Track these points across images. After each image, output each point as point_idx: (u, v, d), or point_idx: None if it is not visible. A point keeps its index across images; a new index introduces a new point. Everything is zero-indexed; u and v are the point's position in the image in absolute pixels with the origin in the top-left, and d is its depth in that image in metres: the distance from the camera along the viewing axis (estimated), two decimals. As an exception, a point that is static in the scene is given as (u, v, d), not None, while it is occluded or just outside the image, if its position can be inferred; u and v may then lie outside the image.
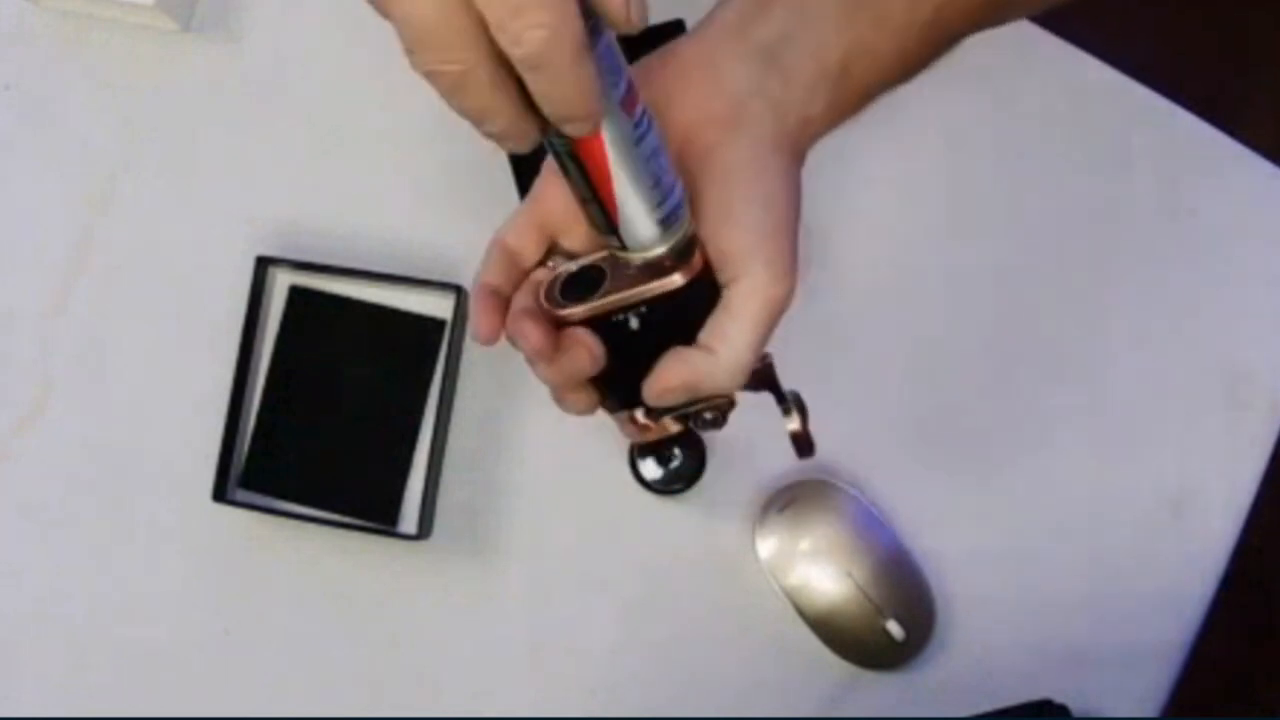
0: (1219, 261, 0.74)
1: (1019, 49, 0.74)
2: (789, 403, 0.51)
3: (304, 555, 0.72)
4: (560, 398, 0.49)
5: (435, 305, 0.73)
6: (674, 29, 0.73)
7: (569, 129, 0.37)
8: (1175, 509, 0.72)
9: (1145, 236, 0.75)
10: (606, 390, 0.49)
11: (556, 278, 0.47)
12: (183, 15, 0.75)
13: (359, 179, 0.75)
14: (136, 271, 0.75)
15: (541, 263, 0.49)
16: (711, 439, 0.71)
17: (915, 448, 0.73)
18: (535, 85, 0.35)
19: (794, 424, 0.51)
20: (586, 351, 0.46)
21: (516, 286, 0.48)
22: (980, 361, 0.74)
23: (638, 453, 0.71)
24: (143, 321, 0.74)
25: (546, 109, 0.36)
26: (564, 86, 0.35)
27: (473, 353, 0.73)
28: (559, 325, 0.46)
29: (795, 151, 0.46)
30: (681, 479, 0.70)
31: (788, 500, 0.70)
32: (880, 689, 0.71)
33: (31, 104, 0.76)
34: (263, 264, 0.73)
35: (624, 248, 0.44)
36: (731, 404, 0.50)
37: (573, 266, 0.47)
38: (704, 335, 0.46)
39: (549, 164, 0.47)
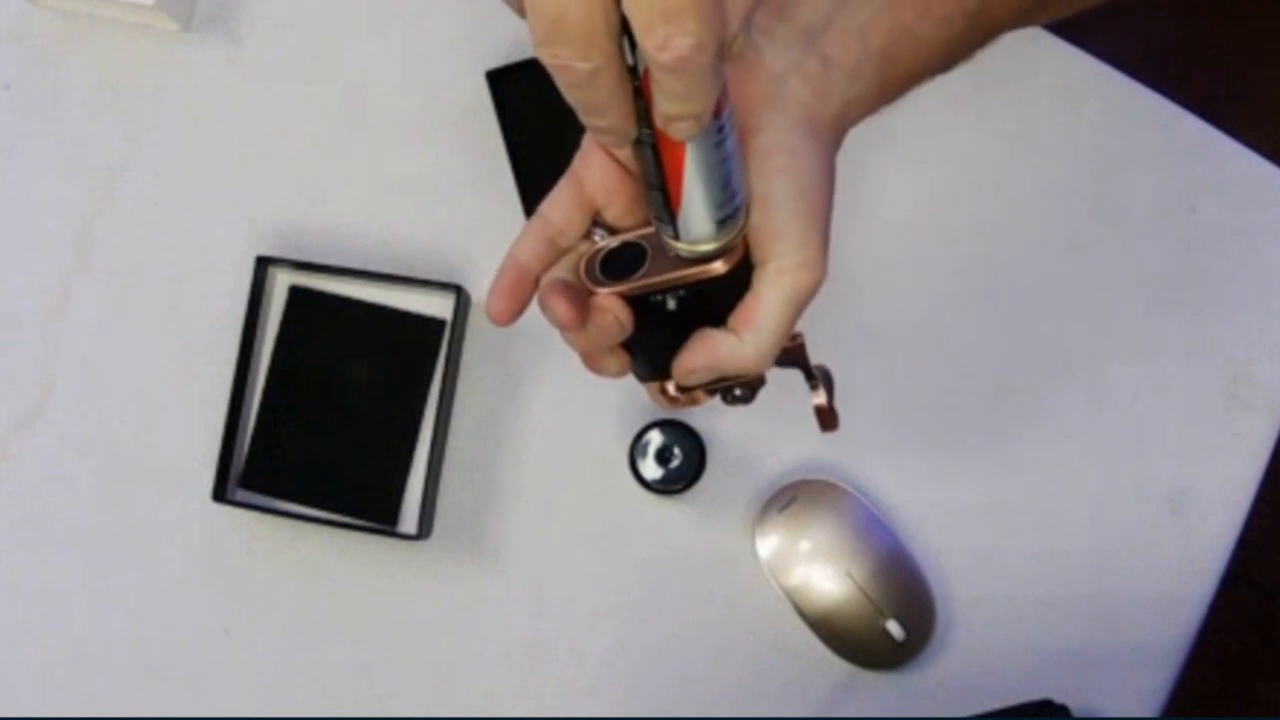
0: (1219, 262, 0.74)
1: (1019, 49, 0.74)
2: (816, 379, 0.51)
3: (304, 555, 0.72)
4: (590, 362, 0.49)
5: (435, 305, 0.73)
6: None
7: (675, 128, 0.38)
8: (1175, 508, 0.72)
9: (1145, 236, 0.75)
10: (636, 359, 0.50)
11: (597, 252, 0.47)
12: (183, 15, 0.75)
13: (359, 179, 0.75)
14: (136, 271, 0.75)
15: (585, 236, 0.48)
16: (711, 439, 0.71)
17: (915, 448, 0.73)
18: (667, 87, 0.36)
19: (819, 398, 0.51)
20: (615, 320, 0.46)
21: (548, 266, 0.47)
22: (980, 361, 0.74)
23: (637, 453, 0.71)
24: (143, 321, 0.74)
25: (667, 109, 0.37)
26: (694, 91, 0.36)
27: (473, 353, 0.74)
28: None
29: (833, 135, 0.46)
30: (681, 479, 0.70)
31: (788, 500, 0.70)
32: (880, 689, 0.71)
33: (31, 104, 0.76)
34: (263, 264, 0.73)
35: (675, 237, 0.44)
36: (762, 380, 0.50)
37: (614, 242, 0.47)
38: (732, 319, 0.46)
39: (591, 136, 0.47)
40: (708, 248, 0.44)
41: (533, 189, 0.72)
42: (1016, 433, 0.73)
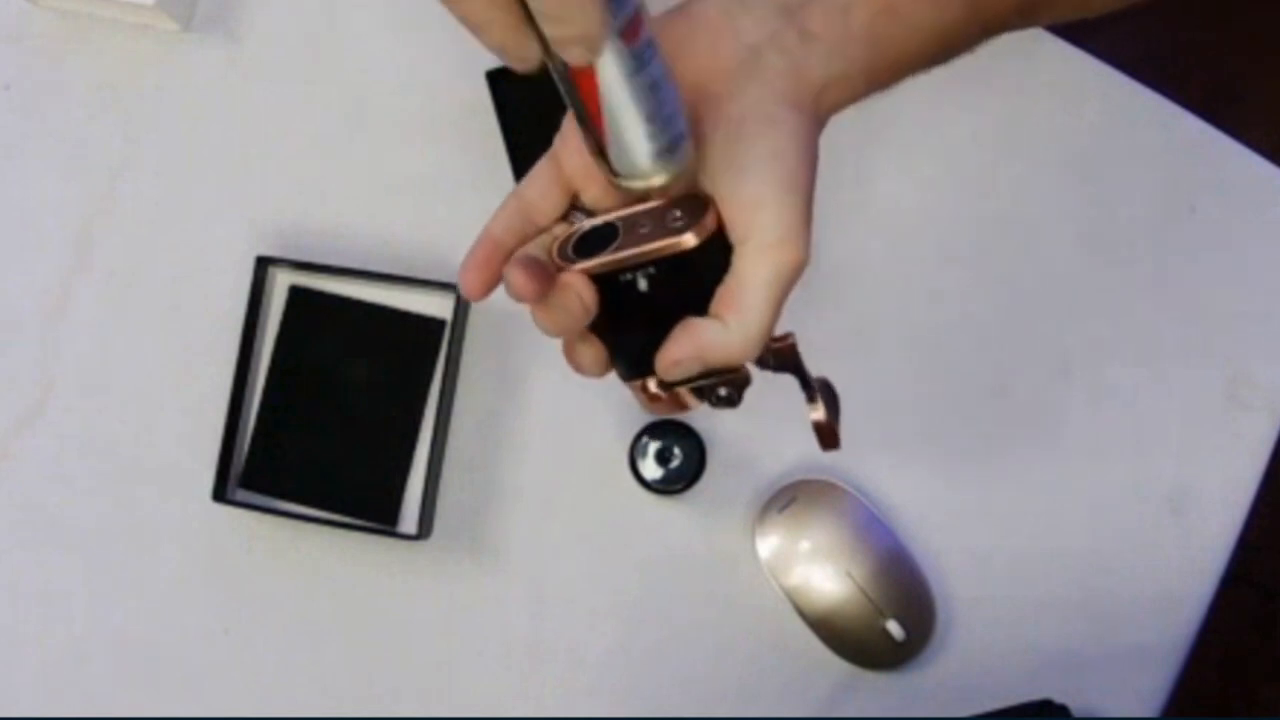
0: (1219, 262, 0.74)
1: (1019, 49, 0.74)
2: (814, 389, 0.48)
3: (304, 555, 0.72)
4: (567, 352, 0.48)
5: (435, 305, 0.73)
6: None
7: (568, 54, 0.37)
8: (1175, 508, 0.72)
9: (1145, 237, 0.75)
10: (616, 355, 0.48)
11: (571, 234, 0.46)
12: (183, 15, 0.75)
13: (359, 179, 0.75)
14: (136, 271, 0.75)
15: (563, 218, 0.48)
16: (711, 439, 0.71)
17: (915, 448, 0.73)
18: (539, 7, 0.35)
19: (817, 413, 0.48)
20: (577, 298, 0.45)
21: (523, 242, 0.47)
22: (980, 361, 0.74)
23: (637, 453, 0.71)
24: (143, 321, 0.74)
25: (548, 31, 0.36)
26: (570, 13, 0.35)
27: (473, 353, 0.74)
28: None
29: (813, 112, 0.45)
30: (681, 479, 0.70)
31: (788, 500, 0.70)
32: (880, 689, 0.71)
33: (31, 104, 0.76)
34: (263, 264, 0.73)
35: (616, 174, 0.43)
36: (747, 380, 0.48)
37: (588, 224, 0.47)
38: (714, 304, 0.44)
39: (571, 115, 0.47)
40: (651, 182, 0.43)
41: (533, 189, 0.72)
42: (1016, 433, 0.73)
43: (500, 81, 0.73)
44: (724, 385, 0.48)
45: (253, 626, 0.72)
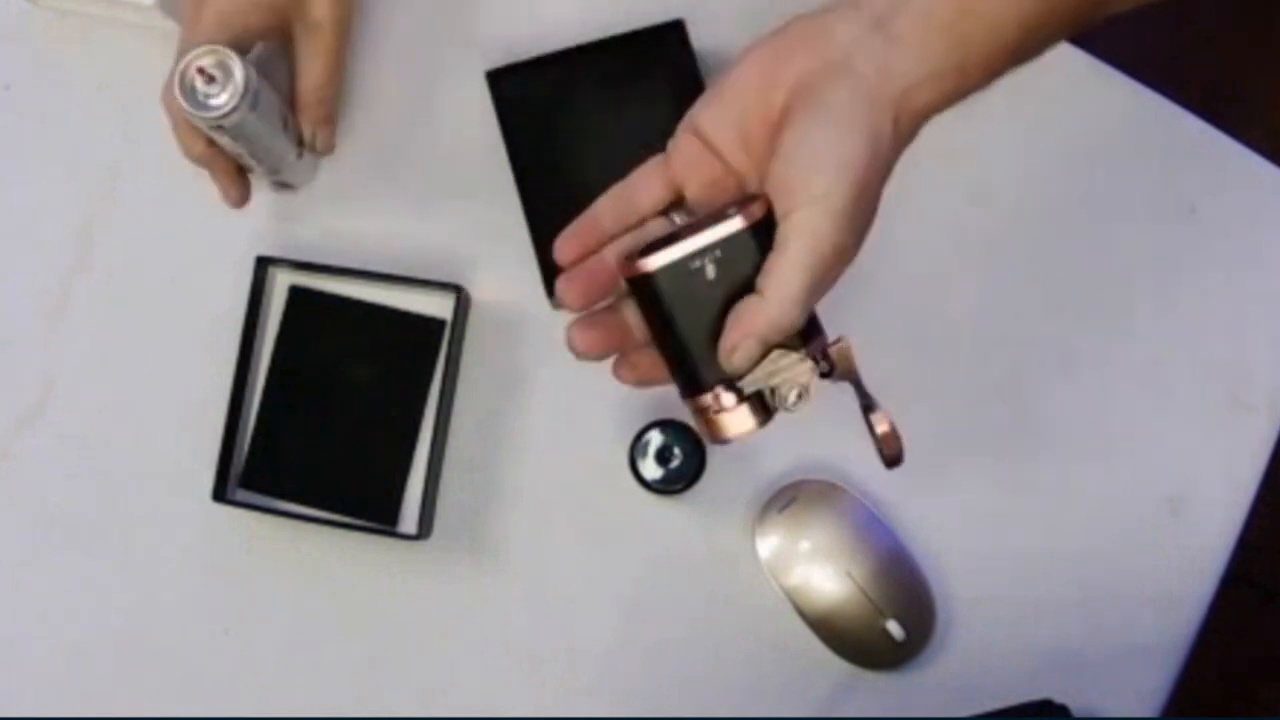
0: (1220, 262, 0.74)
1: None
2: (872, 398, 0.50)
3: (304, 555, 0.72)
4: (621, 367, 0.53)
5: (435, 305, 0.73)
6: (673, 29, 0.73)
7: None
8: (1175, 509, 0.72)
9: (1146, 237, 0.75)
10: (681, 365, 0.50)
11: (641, 245, 0.50)
12: (182, 15, 0.75)
13: (358, 179, 0.75)
14: (136, 271, 0.75)
15: (663, 213, 0.52)
16: (711, 439, 0.71)
17: (915, 448, 0.73)
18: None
19: (883, 424, 0.50)
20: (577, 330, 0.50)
21: (618, 223, 0.52)
22: (980, 361, 0.74)
23: (637, 453, 0.71)
24: (143, 321, 0.74)
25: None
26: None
27: (473, 353, 0.74)
28: (635, 283, 0.49)
29: (896, 116, 0.48)
30: (681, 479, 0.70)
31: (788, 500, 0.70)
32: (880, 689, 0.71)
33: (31, 104, 0.76)
34: (263, 264, 0.73)
35: None
36: (809, 374, 0.50)
37: (652, 237, 0.50)
38: (758, 280, 0.48)
39: (686, 129, 0.51)
40: None
41: (533, 188, 0.72)
42: (1017, 433, 0.73)
43: (500, 81, 0.73)
44: (785, 384, 0.49)
45: (253, 626, 0.72)
